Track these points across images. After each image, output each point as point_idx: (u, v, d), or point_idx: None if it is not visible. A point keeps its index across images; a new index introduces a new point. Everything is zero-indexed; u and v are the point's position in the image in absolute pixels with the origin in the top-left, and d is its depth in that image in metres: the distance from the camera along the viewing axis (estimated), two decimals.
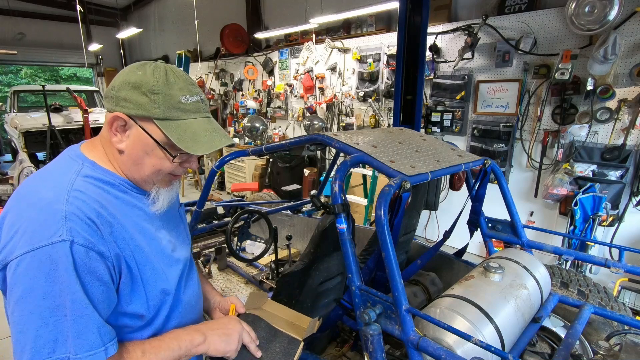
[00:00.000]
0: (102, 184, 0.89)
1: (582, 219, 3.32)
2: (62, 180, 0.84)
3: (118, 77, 0.89)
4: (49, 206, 0.78)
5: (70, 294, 0.75)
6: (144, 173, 0.93)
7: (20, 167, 4.95)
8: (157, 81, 0.87)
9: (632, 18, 3.09)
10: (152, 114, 0.87)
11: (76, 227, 0.78)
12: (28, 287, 0.74)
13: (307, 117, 5.81)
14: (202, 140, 0.90)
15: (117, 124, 0.88)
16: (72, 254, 0.76)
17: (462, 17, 4.29)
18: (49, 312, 0.74)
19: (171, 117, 0.89)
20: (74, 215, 0.78)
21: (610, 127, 3.30)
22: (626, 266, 1.59)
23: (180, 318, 1.02)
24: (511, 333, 1.26)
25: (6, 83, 14.53)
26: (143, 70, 0.88)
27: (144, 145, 0.90)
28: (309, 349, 1.54)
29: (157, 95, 0.87)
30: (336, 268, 1.66)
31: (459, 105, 4.30)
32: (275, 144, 1.88)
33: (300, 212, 3.35)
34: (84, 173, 0.87)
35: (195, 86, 0.94)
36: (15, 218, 0.79)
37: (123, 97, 0.87)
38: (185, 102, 0.90)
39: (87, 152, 0.93)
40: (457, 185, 3.93)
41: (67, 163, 0.90)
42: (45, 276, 0.74)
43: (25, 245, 0.75)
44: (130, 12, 11.70)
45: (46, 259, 0.74)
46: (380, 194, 1.24)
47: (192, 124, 0.91)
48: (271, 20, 7.08)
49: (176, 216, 1.11)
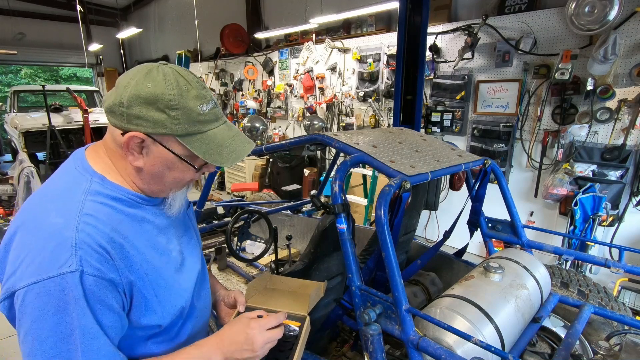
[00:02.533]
0: (112, 202, 0.85)
1: (582, 219, 3.32)
2: (71, 203, 0.80)
3: (125, 90, 0.80)
4: (59, 233, 0.76)
5: (80, 324, 0.74)
6: (163, 185, 0.90)
7: (20, 167, 4.94)
8: (172, 94, 0.80)
9: (632, 18, 3.09)
10: (173, 131, 0.82)
11: (86, 256, 0.75)
12: (37, 318, 0.73)
13: (307, 117, 5.81)
14: (227, 150, 0.88)
15: (133, 143, 0.83)
16: (82, 285, 0.74)
17: (462, 17, 4.29)
18: (61, 343, 0.73)
19: (193, 132, 0.84)
20: (84, 244, 0.76)
21: (610, 127, 3.30)
22: (626, 266, 1.59)
23: (195, 322, 1.02)
24: (511, 333, 1.26)
25: (6, 83, 14.53)
26: (152, 80, 0.80)
27: (165, 160, 0.86)
28: (309, 349, 1.54)
29: (176, 110, 0.81)
30: (336, 268, 1.66)
31: (459, 105, 4.30)
32: (275, 144, 1.87)
33: (300, 212, 3.35)
34: (93, 190, 0.84)
35: (206, 88, 0.88)
36: (22, 243, 0.77)
37: (136, 114, 0.80)
38: (204, 113, 0.85)
39: (94, 162, 0.89)
40: (457, 185, 3.92)
41: (75, 178, 0.85)
42: (55, 307, 0.73)
43: (33, 275, 0.73)
44: (130, 12, 11.70)
45: (55, 290, 0.73)
46: (380, 194, 1.24)
47: (215, 134, 0.88)
48: (271, 20, 7.08)
49: (185, 218, 1.09)
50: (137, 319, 0.86)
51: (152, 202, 0.93)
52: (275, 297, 1.22)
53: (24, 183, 4.68)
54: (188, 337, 1.00)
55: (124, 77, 0.83)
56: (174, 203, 0.95)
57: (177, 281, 0.94)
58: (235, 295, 1.16)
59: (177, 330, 0.97)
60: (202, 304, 1.06)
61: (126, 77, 0.82)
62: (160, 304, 0.89)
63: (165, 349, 0.95)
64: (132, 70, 0.84)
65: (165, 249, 0.94)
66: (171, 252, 0.95)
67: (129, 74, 0.83)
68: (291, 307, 1.14)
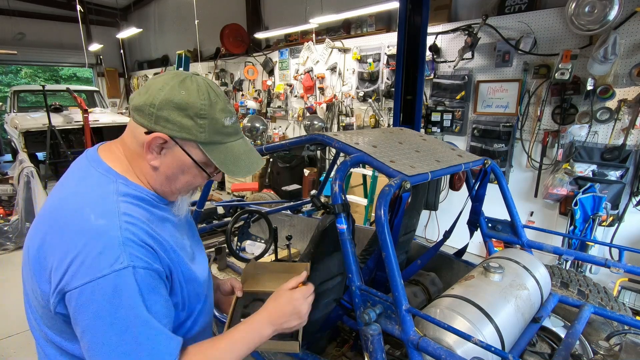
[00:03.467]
0: (139, 202, 0.89)
1: (582, 219, 3.32)
2: (108, 204, 0.84)
3: (158, 93, 0.85)
4: (105, 234, 0.79)
5: (137, 317, 0.78)
6: (175, 187, 0.94)
7: (20, 167, 4.94)
8: (204, 104, 0.86)
9: (632, 18, 3.09)
10: (197, 138, 0.87)
11: (134, 251, 0.80)
12: (94, 316, 0.76)
13: (307, 117, 5.81)
14: (242, 163, 0.94)
15: (155, 143, 0.87)
16: (135, 279, 0.79)
17: (462, 17, 4.29)
18: (119, 338, 0.77)
19: (215, 142, 0.90)
20: (129, 241, 0.80)
21: (610, 127, 3.30)
22: (626, 266, 1.59)
23: (204, 317, 1.06)
24: (511, 333, 1.26)
25: (6, 83, 14.54)
26: (186, 88, 0.86)
27: (181, 164, 0.90)
28: (309, 349, 1.54)
29: (204, 120, 0.87)
30: (336, 268, 1.66)
31: (459, 105, 4.30)
32: (275, 144, 1.88)
33: (300, 212, 3.36)
34: (121, 192, 0.87)
35: (231, 104, 0.95)
36: (66, 246, 0.79)
37: (165, 117, 0.85)
38: (227, 126, 0.91)
39: (111, 163, 0.91)
40: (457, 185, 3.92)
41: (99, 180, 0.88)
42: (111, 304, 0.76)
43: (87, 274, 0.76)
44: (130, 12, 11.71)
45: (110, 287, 0.76)
46: (380, 194, 1.24)
47: (234, 147, 0.94)
48: (271, 20, 7.08)
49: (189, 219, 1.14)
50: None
51: (166, 203, 0.98)
52: (268, 279, 1.27)
53: (24, 183, 4.68)
54: (196, 334, 1.03)
55: (156, 80, 0.88)
56: (182, 206, 1.00)
57: (195, 273, 0.99)
58: (231, 282, 1.22)
59: (191, 324, 1.00)
60: (210, 299, 1.11)
61: (159, 81, 0.87)
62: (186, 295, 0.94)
63: None
64: (166, 76, 0.89)
65: (183, 245, 0.99)
66: (186, 247, 1.00)
67: (163, 79, 0.88)
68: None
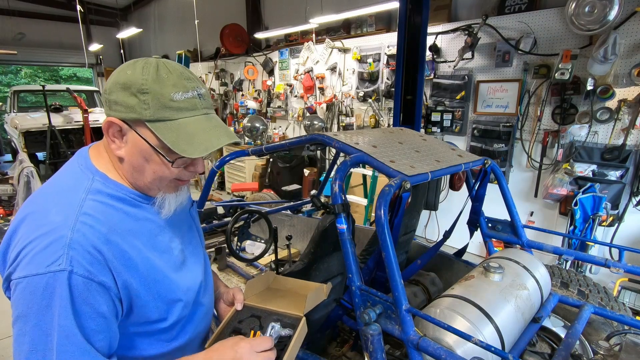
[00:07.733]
0: (113, 201, 0.85)
1: (582, 219, 3.32)
2: (72, 201, 0.81)
3: (110, 78, 0.84)
4: (55, 231, 0.77)
5: (59, 325, 0.74)
6: (146, 180, 0.88)
7: (20, 167, 4.94)
8: (145, 79, 0.80)
9: (632, 18, 3.09)
10: (142, 116, 0.81)
11: (78, 256, 0.76)
12: (22, 312, 0.75)
13: (307, 117, 5.81)
14: (197, 140, 0.83)
15: (112, 129, 0.84)
16: (69, 285, 0.74)
17: (462, 17, 4.29)
18: (39, 340, 0.74)
19: (163, 118, 0.82)
20: (77, 244, 0.76)
21: (610, 127, 3.30)
22: (626, 266, 1.59)
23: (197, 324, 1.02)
24: (511, 333, 1.26)
25: (6, 83, 14.53)
26: (133, 68, 0.82)
27: (141, 150, 0.84)
28: (309, 349, 1.54)
29: (147, 94, 0.80)
30: (336, 268, 1.66)
31: (459, 105, 4.30)
32: (275, 144, 1.88)
33: (300, 212, 3.35)
34: (94, 189, 0.84)
35: (193, 80, 0.86)
36: (23, 236, 0.79)
37: (114, 100, 0.82)
38: (177, 100, 0.82)
39: (96, 160, 0.90)
40: (457, 185, 3.92)
41: (78, 176, 0.86)
42: (38, 305, 0.74)
43: (25, 268, 0.75)
44: (130, 12, 11.70)
45: (41, 287, 0.74)
46: (380, 194, 1.24)
47: (188, 123, 0.84)
48: (271, 20, 7.08)
49: (188, 218, 1.09)
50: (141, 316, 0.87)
51: (149, 201, 0.93)
52: (273, 296, 1.20)
53: (24, 183, 4.68)
54: (187, 341, 1.00)
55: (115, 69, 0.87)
56: (163, 204, 0.92)
57: (178, 279, 0.93)
58: (234, 293, 1.15)
59: (178, 331, 0.96)
60: (207, 301, 1.06)
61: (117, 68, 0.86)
62: (162, 301, 0.89)
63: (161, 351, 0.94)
64: (124, 63, 0.87)
65: (167, 248, 0.94)
66: (173, 250, 0.95)
67: (120, 66, 0.86)
68: (288, 308, 1.12)
